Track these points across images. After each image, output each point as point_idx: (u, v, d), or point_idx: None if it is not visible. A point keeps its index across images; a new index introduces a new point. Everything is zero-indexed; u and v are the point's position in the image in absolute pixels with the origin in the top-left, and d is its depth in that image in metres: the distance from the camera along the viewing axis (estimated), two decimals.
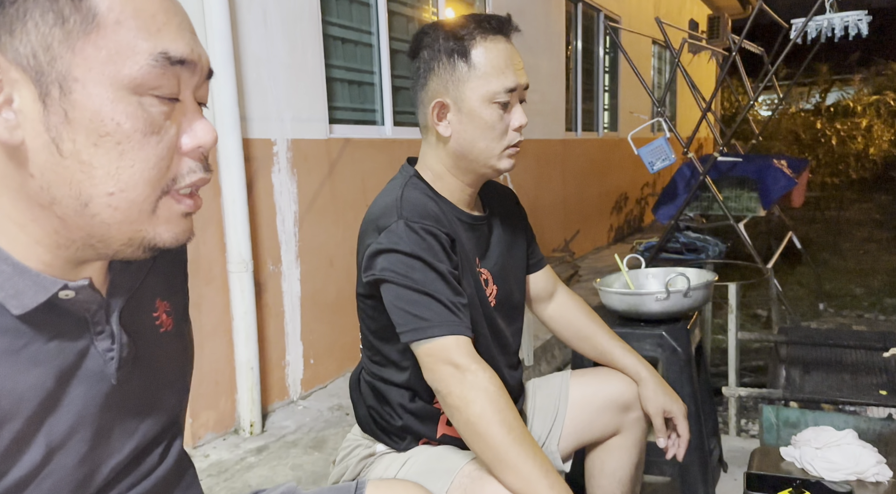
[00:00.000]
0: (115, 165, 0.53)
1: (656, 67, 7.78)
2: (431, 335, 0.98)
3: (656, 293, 1.68)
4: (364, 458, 1.19)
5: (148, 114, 0.54)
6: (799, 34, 2.89)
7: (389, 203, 1.08)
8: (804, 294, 4.15)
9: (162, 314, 0.71)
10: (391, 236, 1.03)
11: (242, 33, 2.40)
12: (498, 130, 1.08)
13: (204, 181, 0.59)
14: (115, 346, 0.61)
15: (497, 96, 1.07)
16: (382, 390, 1.18)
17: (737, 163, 3.38)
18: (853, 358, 1.88)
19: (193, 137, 0.57)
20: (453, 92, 1.08)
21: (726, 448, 2.03)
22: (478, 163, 1.11)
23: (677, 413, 1.25)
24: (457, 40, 1.06)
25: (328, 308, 2.89)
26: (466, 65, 1.06)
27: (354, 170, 3.01)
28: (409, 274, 1.00)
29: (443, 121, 1.10)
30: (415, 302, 1.00)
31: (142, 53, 0.53)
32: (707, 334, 2.51)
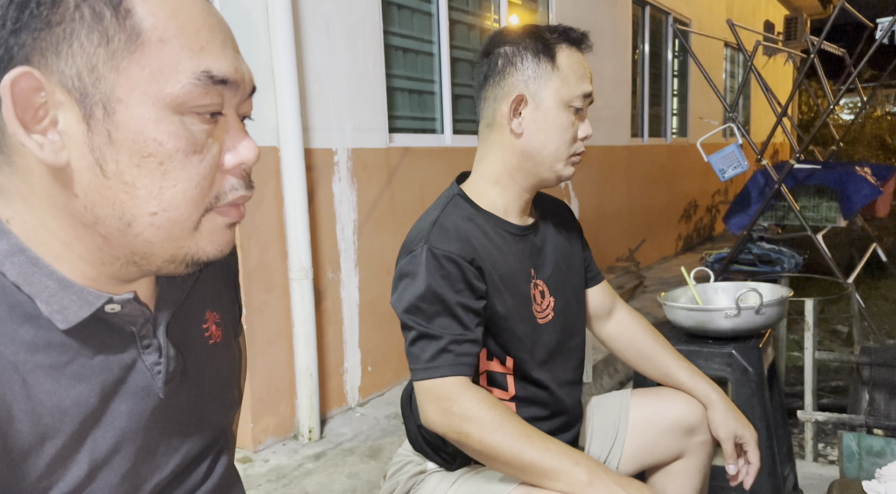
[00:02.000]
0: (157, 185, 0.53)
1: (728, 71, 7.49)
2: (422, 377, 1.01)
3: (726, 309, 1.59)
4: (414, 475, 1.18)
5: (190, 133, 0.54)
6: (886, 34, 2.70)
7: (423, 226, 1.09)
8: (890, 310, 3.88)
9: (212, 325, 0.70)
10: (413, 262, 1.05)
11: (306, 45, 2.44)
12: (569, 135, 1.10)
13: (245, 198, 0.59)
14: (162, 360, 0.61)
15: (574, 101, 1.09)
16: None
17: (815, 171, 3.19)
18: None
19: (236, 155, 0.57)
20: (533, 88, 1.09)
21: (802, 475, 1.90)
22: (543, 165, 1.11)
23: (749, 438, 1.20)
24: (544, 42, 1.10)
25: (385, 316, 2.90)
26: (551, 65, 1.09)
27: (413, 178, 3.02)
28: (416, 310, 1.03)
29: (517, 118, 1.10)
30: (413, 341, 1.04)
31: (185, 72, 0.52)
32: (781, 352, 2.37)
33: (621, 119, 5.10)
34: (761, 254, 3.10)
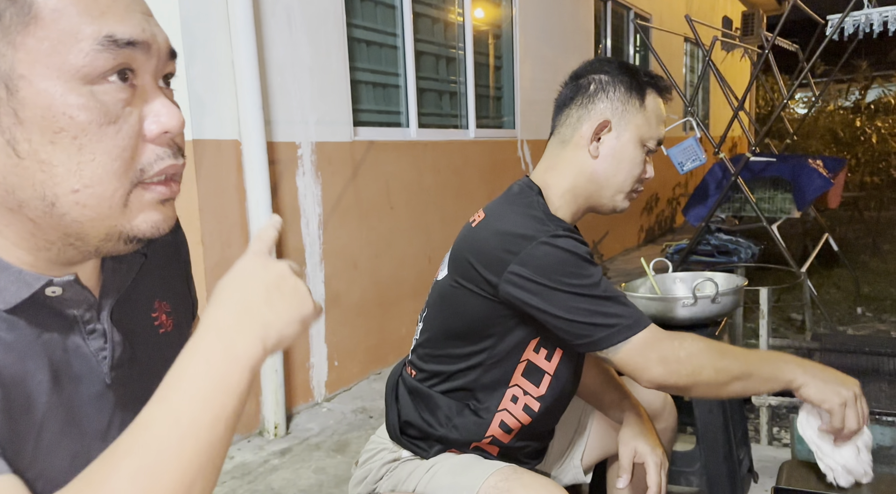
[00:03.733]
0: (75, 161, 0.51)
1: (688, 65, 7.64)
2: (626, 336, 1.00)
3: (683, 298, 1.63)
4: (388, 462, 1.18)
5: (102, 103, 0.51)
6: (835, 30, 2.79)
7: (535, 217, 1.07)
8: (841, 298, 4.02)
9: (162, 315, 0.70)
10: (550, 246, 1.02)
11: (267, 37, 2.41)
12: (638, 171, 1.16)
13: (175, 167, 0.57)
14: (107, 346, 0.60)
15: (649, 141, 1.16)
16: (432, 397, 1.16)
17: (770, 164, 3.29)
18: (891, 366, 1.80)
19: (158, 123, 0.55)
20: (620, 118, 1.14)
21: (757, 457, 1.97)
22: (606, 192, 1.16)
23: (648, 460, 1.16)
24: (638, 80, 1.16)
25: (352, 310, 2.89)
26: (640, 102, 1.15)
27: (379, 172, 3.01)
28: (585, 279, 1.01)
29: (596, 142, 1.14)
30: (599, 306, 1.01)
31: (86, 39, 0.50)
32: (738, 339, 2.44)
33: None
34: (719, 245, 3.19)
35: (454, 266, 1.12)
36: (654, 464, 1.15)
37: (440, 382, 1.15)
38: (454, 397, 1.14)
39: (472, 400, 1.14)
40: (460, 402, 1.14)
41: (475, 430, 1.13)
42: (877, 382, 1.72)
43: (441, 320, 1.15)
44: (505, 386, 1.12)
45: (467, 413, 1.13)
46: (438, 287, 1.16)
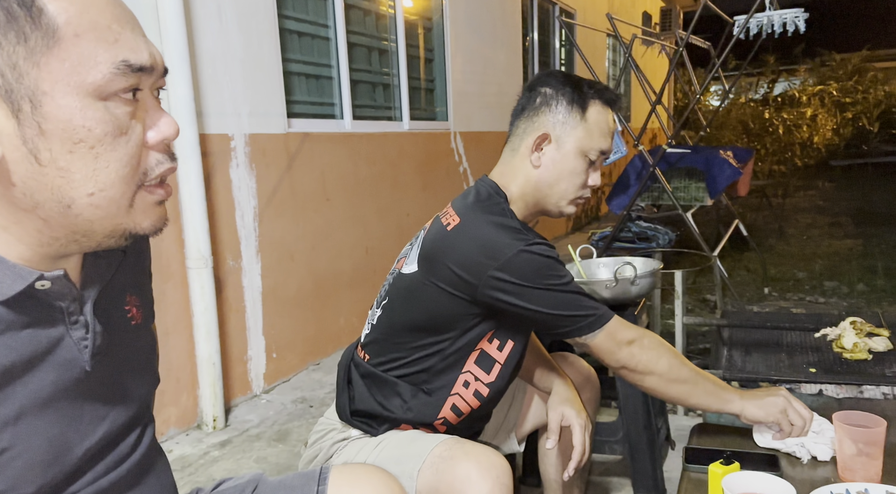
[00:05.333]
0: (91, 168, 0.57)
1: (611, 59, 7.93)
2: (598, 325, 1.14)
3: (605, 281, 1.76)
4: (337, 442, 1.24)
5: (115, 116, 0.58)
6: (741, 31, 3.01)
7: (511, 226, 1.16)
8: (750, 279, 4.34)
9: (133, 308, 0.75)
10: (536, 249, 1.12)
11: (197, 29, 2.39)
12: (580, 180, 1.23)
13: (172, 170, 0.64)
14: (88, 335, 0.65)
15: (591, 153, 1.22)
16: (387, 381, 1.22)
17: (685, 155, 3.51)
18: (789, 339, 1.99)
19: (158, 131, 0.61)
20: (560, 131, 1.22)
21: (674, 427, 2.14)
22: (550, 199, 1.24)
23: (574, 423, 1.26)
24: (580, 93, 1.22)
25: (290, 302, 2.91)
26: (581, 115, 1.22)
27: (314, 164, 3.03)
28: (561, 279, 1.14)
29: (538, 152, 1.22)
30: (575, 301, 1.14)
31: (104, 63, 0.56)
32: (657, 319, 2.62)
33: (513, 105, 5.29)
34: (639, 232, 3.39)
35: (427, 266, 1.18)
36: (579, 426, 1.26)
37: (396, 367, 1.22)
38: (409, 380, 1.21)
39: (426, 383, 1.21)
40: (415, 386, 1.21)
41: (428, 412, 1.21)
42: (777, 353, 1.91)
43: (405, 312, 1.21)
44: (458, 372, 1.20)
45: (421, 396, 1.21)
46: (405, 280, 1.21)
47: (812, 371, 1.72)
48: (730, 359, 1.90)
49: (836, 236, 5.85)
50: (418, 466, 1.08)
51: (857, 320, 1.91)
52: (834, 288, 4.07)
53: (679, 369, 1.17)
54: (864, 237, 5.68)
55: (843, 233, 6.00)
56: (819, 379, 1.67)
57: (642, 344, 1.16)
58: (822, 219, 6.84)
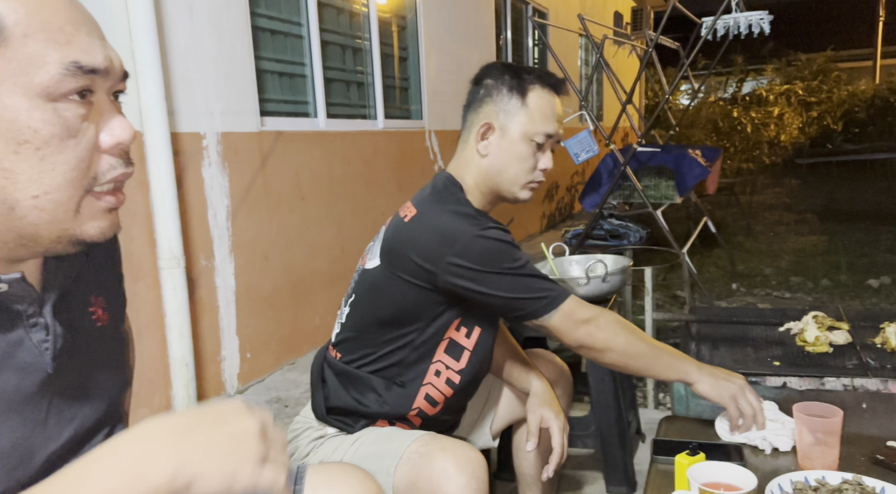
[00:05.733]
0: (36, 170, 0.56)
1: (583, 59, 8.01)
2: (556, 305, 1.17)
3: (577, 278, 1.80)
4: (314, 440, 1.25)
5: (64, 119, 0.57)
6: (709, 32, 3.08)
7: (466, 213, 1.20)
8: (719, 275, 4.43)
9: (98, 309, 0.74)
10: (490, 234, 1.16)
11: (168, 26, 2.36)
12: (528, 164, 1.25)
13: (125, 175, 0.62)
14: (49, 338, 0.64)
15: (536, 136, 1.24)
16: (360, 377, 1.24)
17: (655, 154, 3.57)
18: (755, 333, 2.04)
19: (112, 135, 0.60)
20: (502, 119, 1.25)
21: (645, 420, 2.19)
22: (502, 186, 1.26)
23: (553, 425, 1.29)
24: (519, 79, 1.25)
25: (264, 302, 2.89)
26: (521, 101, 1.24)
27: (288, 163, 3.01)
28: (516, 262, 1.16)
29: (484, 141, 1.25)
30: (531, 283, 1.17)
31: (53, 63, 0.55)
32: (628, 315, 2.67)
33: None
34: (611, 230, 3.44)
35: (389, 259, 1.21)
36: (558, 429, 1.29)
37: (368, 363, 1.24)
38: (382, 375, 1.23)
39: (398, 376, 1.23)
40: (388, 380, 1.23)
41: (403, 403, 1.23)
42: (743, 348, 1.97)
43: (372, 307, 1.24)
44: (429, 362, 1.23)
45: (395, 388, 1.23)
46: (369, 276, 1.24)
47: (776, 364, 1.78)
48: (698, 354, 1.95)
49: (801, 233, 6.00)
50: (395, 462, 1.09)
51: (818, 314, 1.97)
52: (799, 284, 4.18)
53: (636, 344, 1.20)
54: (828, 233, 5.84)
55: (808, 229, 6.16)
56: (782, 372, 1.72)
57: (598, 323, 1.19)
58: (788, 215, 7.01)
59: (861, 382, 1.67)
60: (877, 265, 4.51)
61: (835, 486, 1.03)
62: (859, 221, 6.29)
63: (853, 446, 1.23)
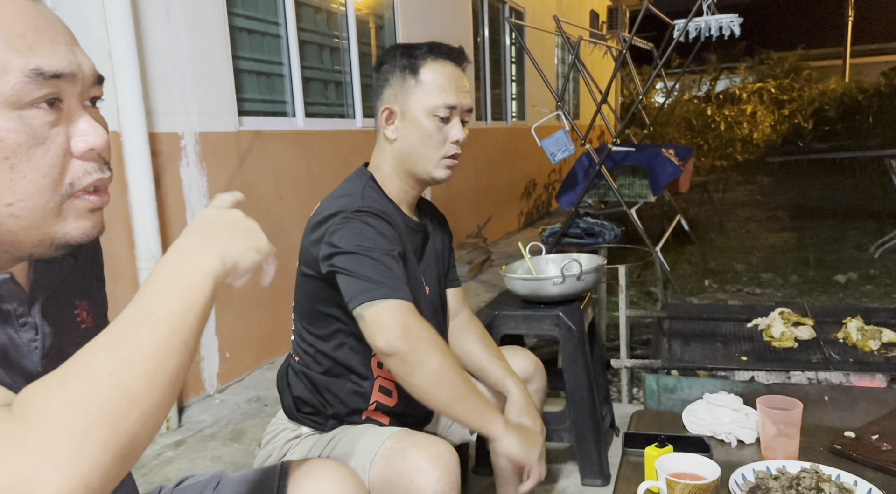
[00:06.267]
0: (7, 179, 0.57)
1: (560, 57, 8.09)
2: (383, 296, 1.07)
3: (553, 277, 1.84)
4: (290, 440, 1.28)
5: (30, 127, 0.57)
6: (681, 34, 3.15)
7: (353, 196, 1.19)
8: (692, 272, 4.53)
9: (82, 312, 0.76)
10: (352, 219, 1.14)
11: (145, 27, 2.35)
12: (436, 140, 1.23)
13: (102, 180, 0.63)
14: (38, 337, 0.66)
15: (437, 110, 1.22)
16: (314, 379, 1.27)
17: (629, 153, 3.64)
18: (724, 329, 2.11)
19: (84, 141, 0.61)
20: (401, 101, 1.24)
21: (619, 414, 2.25)
22: (417, 167, 1.26)
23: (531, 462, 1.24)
24: (410, 58, 1.23)
25: (243, 302, 2.90)
26: (414, 79, 1.22)
27: (266, 162, 3.02)
28: (361, 242, 1.12)
29: (390, 126, 1.25)
30: (367, 266, 1.09)
31: (14, 72, 0.55)
32: (602, 312, 2.73)
33: None
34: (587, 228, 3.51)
35: (301, 258, 1.26)
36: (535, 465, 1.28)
37: (317, 363, 1.27)
38: (333, 375, 1.27)
39: (349, 373, 1.27)
40: (341, 378, 1.27)
41: (359, 400, 1.27)
42: (712, 343, 2.03)
43: (301, 307, 1.29)
44: (370, 354, 1.26)
45: (349, 385, 1.27)
46: (297, 277, 1.29)
47: (744, 359, 1.85)
48: (669, 349, 2.01)
49: (772, 229, 6.14)
50: (370, 459, 1.11)
51: (785, 311, 2.04)
52: (770, 280, 4.29)
53: (449, 375, 1.07)
54: (798, 230, 5.99)
55: (779, 226, 6.31)
56: (750, 366, 1.79)
57: (419, 336, 1.06)
58: (760, 212, 7.16)
59: (825, 376, 1.74)
60: (844, 261, 4.64)
61: (794, 475, 1.08)
62: (828, 218, 6.45)
63: (813, 437, 1.29)
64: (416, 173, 1.27)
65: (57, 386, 0.50)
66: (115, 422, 0.49)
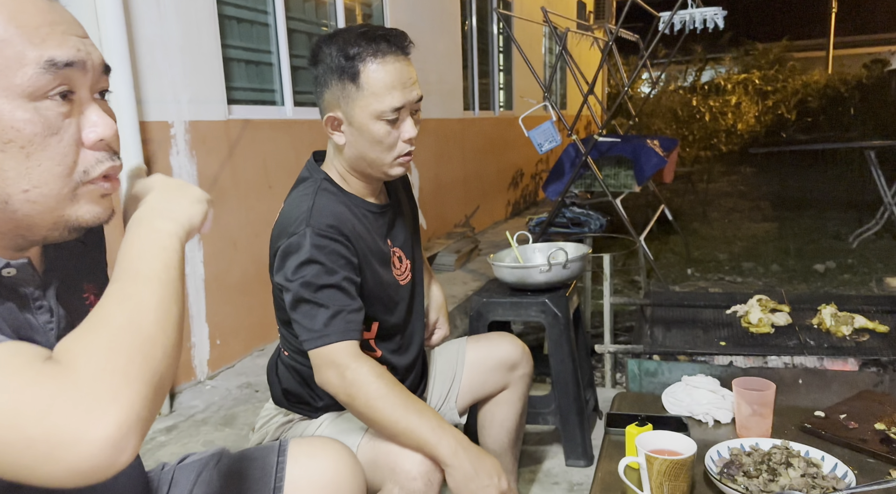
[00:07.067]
0: (24, 166, 0.61)
1: (548, 47, 8.11)
2: (322, 344, 1.11)
3: (540, 266, 1.89)
4: (282, 424, 1.33)
5: (45, 118, 0.61)
6: (666, 27, 3.20)
7: (302, 210, 1.16)
8: (675, 261, 4.61)
9: (90, 295, 0.80)
10: (298, 242, 1.13)
11: (135, 16, 2.36)
12: (386, 143, 1.18)
13: (115, 169, 0.67)
14: (53, 319, 0.70)
15: (385, 115, 1.15)
16: (302, 372, 1.30)
17: (615, 144, 3.69)
18: (704, 316, 2.18)
19: (94, 132, 0.64)
20: (344, 108, 1.17)
21: (602, 398, 2.32)
22: (371, 169, 1.23)
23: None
24: (347, 60, 1.13)
25: (233, 289, 2.93)
26: (355, 85, 1.14)
27: (255, 151, 3.03)
28: (305, 283, 1.11)
29: (337, 132, 1.20)
30: (306, 313, 1.12)
31: (30, 64, 0.59)
32: (587, 300, 2.79)
33: (454, 93, 5.39)
34: (573, 218, 3.56)
35: (270, 262, 1.24)
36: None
37: (304, 356, 1.27)
38: None
39: None
40: None
41: None
42: (693, 329, 2.10)
43: (277, 310, 1.30)
44: None
45: None
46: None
47: (722, 344, 1.92)
48: (651, 335, 2.08)
49: (754, 219, 6.25)
50: (358, 441, 1.16)
51: (762, 298, 2.11)
52: (751, 269, 4.38)
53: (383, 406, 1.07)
54: (779, 220, 6.10)
55: (761, 216, 6.41)
56: (728, 351, 1.86)
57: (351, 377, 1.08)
58: (742, 203, 7.27)
59: (800, 360, 1.82)
60: (823, 250, 4.75)
61: (766, 451, 1.15)
62: (809, 208, 6.57)
63: (786, 416, 1.36)
64: (371, 174, 1.24)
65: (88, 335, 0.56)
66: (145, 360, 0.56)
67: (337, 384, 1.10)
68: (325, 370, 1.11)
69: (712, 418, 1.36)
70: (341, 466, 0.93)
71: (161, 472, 0.95)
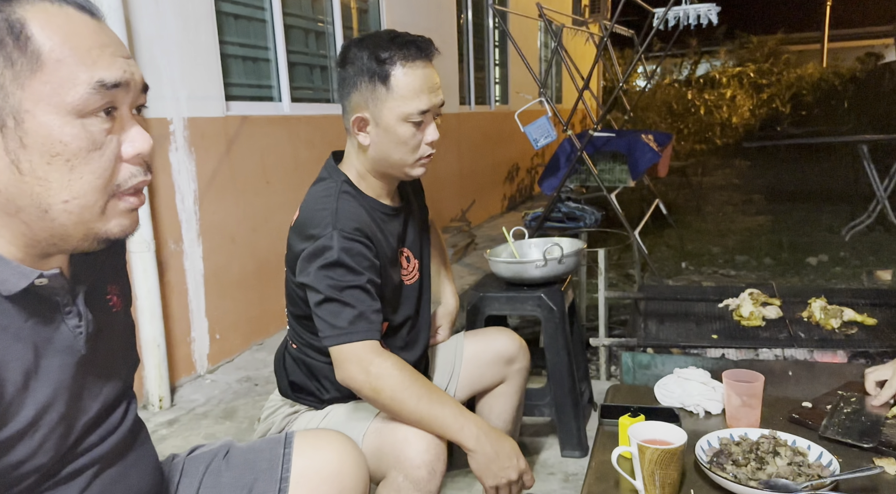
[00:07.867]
0: (66, 178, 0.65)
1: (543, 41, 8.13)
2: (346, 340, 1.14)
3: (535, 261, 1.92)
4: (288, 415, 1.36)
5: (90, 133, 0.65)
6: (660, 22, 3.22)
7: (326, 213, 1.20)
8: (670, 254, 4.65)
9: (114, 296, 0.83)
10: (325, 246, 1.16)
11: (133, 13, 2.37)
12: (411, 145, 1.23)
13: (145, 182, 0.71)
14: (82, 323, 0.73)
15: (411, 117, 1.20)
16: (311, 365, 1.33)
17: (610, 139, 3.73)
18: (697, 309, 2.22)
19: (132, 146, 0.69)
20: (372, 109, 1.21)
21: (597, 391, 2.35)
22: (393, 169, 1.28)
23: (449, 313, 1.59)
24: (379, 63, 1.18)
25: (232, 284, 2.95)
26: (385, 87, 1.19)
27: (253, 147, 3.05)
28: (332, 284, 1.15)
29: (363, 132, 1.24)
30: (331, 310, 1.15)
31: (81, 84, 0.63)
32: (582, 294, 2.83)
33: (450, 87, 5.40)
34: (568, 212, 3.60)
35: (287, 258, 1.29)
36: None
37: (314, 351, 1.33)
38: (328, 362, 1.29)
39: None
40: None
41: None
42: (686, 322, 2.14)
43: (290, 304, 1.33)
44: None
45: None
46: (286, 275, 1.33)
47: (714, 337, 1.96)
48: (645, 328, 2.11)
49: (748, 213, 6.29)
50: (363, 432, 1.19)
51: (754, 291, 2.15)
52: (744, 262, 4.42)
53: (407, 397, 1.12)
54: (773, 213, 6.14)
55: (754, 209, 6.46)
56: (720, 344, 1.90)
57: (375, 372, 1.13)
58: (736, 196, 7.31)
59: (790, 352, 1.86)
60: (816, 244, 4.79)
61: (754, 441, 1.18)
62: (802, 202, 6.62)
63: (775, 407, 1.39)
64: (393, 174, 1.28)
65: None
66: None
67: (362, 379, 1.13)
68: (349, 365, 1.14)
69: (703, 409, 1.40)
70: (345, 457, 0.96)
71: (172, 463, 0.98)
